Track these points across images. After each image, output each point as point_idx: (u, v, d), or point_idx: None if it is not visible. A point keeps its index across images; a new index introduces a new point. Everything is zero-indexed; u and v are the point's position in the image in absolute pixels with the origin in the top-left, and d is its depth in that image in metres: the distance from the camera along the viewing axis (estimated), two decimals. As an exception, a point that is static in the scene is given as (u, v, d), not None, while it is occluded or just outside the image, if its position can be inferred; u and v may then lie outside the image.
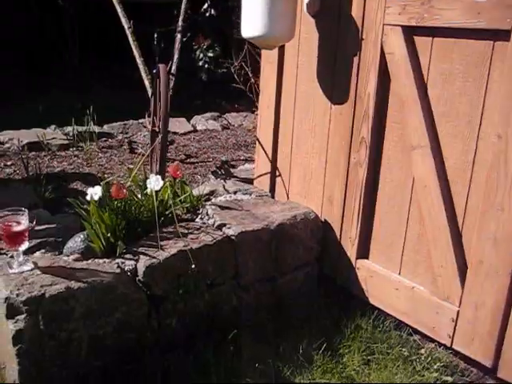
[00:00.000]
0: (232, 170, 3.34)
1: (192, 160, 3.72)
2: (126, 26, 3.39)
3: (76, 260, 2.12)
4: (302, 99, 2.78)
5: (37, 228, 2.40)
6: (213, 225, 2.49)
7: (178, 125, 4.34)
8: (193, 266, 2.17)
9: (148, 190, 2.46)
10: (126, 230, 2.27)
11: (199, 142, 4.20)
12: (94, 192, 2.23)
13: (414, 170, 2.31)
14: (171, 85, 3.05)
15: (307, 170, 2.80)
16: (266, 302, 2.55)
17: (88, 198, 2.24)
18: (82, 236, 2.21)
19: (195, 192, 2.77)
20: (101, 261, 2.13)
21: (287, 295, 2.62)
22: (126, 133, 4.33)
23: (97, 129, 4.07)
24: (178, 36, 3.30)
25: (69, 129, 4.12)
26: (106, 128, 4.34)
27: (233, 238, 2.36)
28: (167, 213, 2.45)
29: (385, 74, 2.37)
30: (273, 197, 2.99)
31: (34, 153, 3.69)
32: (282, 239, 2.53)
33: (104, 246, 2.18)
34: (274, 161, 2.99)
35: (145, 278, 2.09)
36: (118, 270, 2.06)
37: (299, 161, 2.84)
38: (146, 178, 2.55)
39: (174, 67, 3.18)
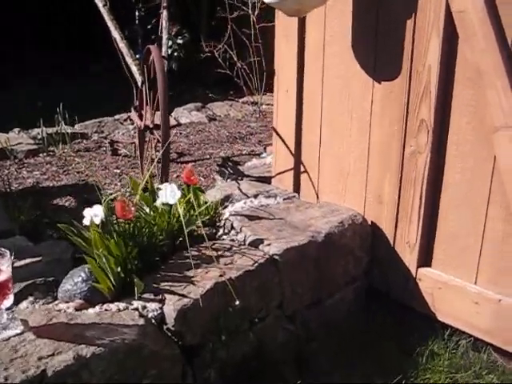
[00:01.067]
0: (239, 168, 2.78)
1: (186, 158, 3.14)
2: (100, 4, 2.76)
3: (79, 309, 1.53)
4: (333, 78, 2.23)
5: (17, 264, 1.78)
6: (244, 241, 1.93)
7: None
8: (236, 303, 1.60)
9: (158, 203, 1.88)
10: (139, 260, 1.69)
11: (187, 137, 3.61)
12: (94, 214, 1.64)
13: (498, 156, 1.80)
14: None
15: (343, 164, 2.26)
16: (315, 329, 2.01)
17: (86, 222, 1.64)
18: (82, 275, 1.61)
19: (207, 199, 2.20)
20: (113, 306, 1.54)
21: (336, 318, 2.09)
22: (102, 131, 3.69)
23: (68, 129, 3.42)
24: (165, 13, 2.69)
25: (36, 131, 3.45)
26: (77, 128, 3.69)
27: (276, 257, 1.81)
28: (186, 231, 1.87)
29: (451, 40, 1.84)
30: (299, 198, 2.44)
31: (-4, 162, 3.04)
32: (330, 252, 1.99)
33: (114, 284, 1.59)
34: (297, 154, 2.43)
35: (176, 325, 1.52)
36: (141, 321, 1.47)
37: (332, 152, 2.29)
38: (153, 189, 1.96)
39: (164, 49, 2.58)
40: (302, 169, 2.43)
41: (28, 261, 1.81)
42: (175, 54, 5.85)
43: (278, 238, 1.90)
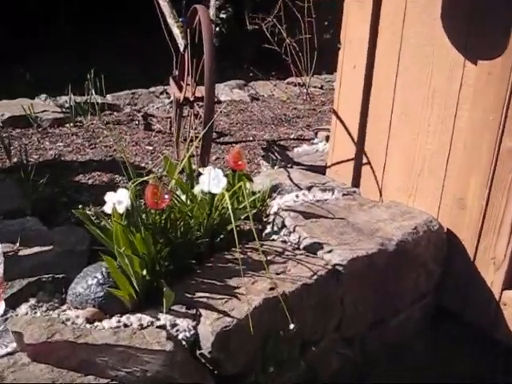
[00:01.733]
0: (288, 154, 2.40)
1: (227, 139, 2.78)
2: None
3: (92, 320, 1.18)
4: (411, 54, 1.83)
5: (21, 253, 1.45)
6: (298, 244, 1.56)
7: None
8: (291, 327, 1.24)
9: (196, 191, 1.52)
10: (170, 261, 1.34)
11: (228, 116, 3.25)
12: (118, 200, 1.28)
13: None
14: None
15: (416, 157, 1.86)
16: (374, 353, 1.64)
17: (108, 209, 1.29)
18: (98, 276, 1.26)
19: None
20: (134, 320, 1.19)
21: (400, 340, 1.72)
22: (135, 104, 3.35)
23: (99, 99, 3.09)
24: (214, -30, 2.31)
25: (64, 99, 3.12)
26: (109, 98, 3.35)
27: (339, 268, 1.43)
28: (228, 227, 1.50)
29: None
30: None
31: (18, 130, 2.72)
32: (401, 263, 1.61)
33: (137, 291, 1.24)
34: (360, 142, 2.04)
35: (213, 351, 1.16)
36: (170, 345, 1.11)
37: (403, 143, 1.90)
38: (192, 173, 1.60)
39: (212, 11, 2.21)
40: (365, 160, 2.04)
41: (36, 249, 1.47)
42: (217, 29, 5.45)
43: (341, 243, 1.52)
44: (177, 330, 1.17)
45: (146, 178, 1.29)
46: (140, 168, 2.28)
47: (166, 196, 1.32)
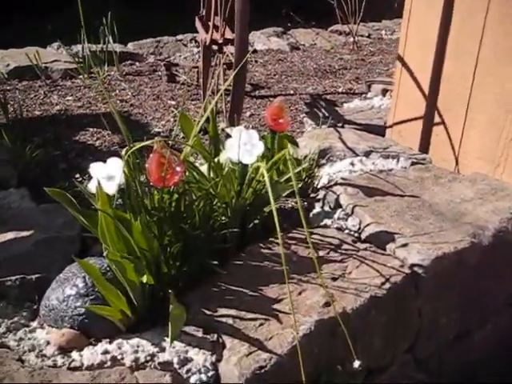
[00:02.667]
0: (337, 110, 1.96)
1: (263, 92, 2.35)
2: None
3: (67, 349, 0.80)
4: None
5: (-7, 240, 1.07)
6: (358, 232, 1.14)
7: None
8: (356, 365, 0.83)
9: (223, 159, 1.11)
10: (182, 261, 0.94)
11: (265, 67, 2.80)
12: (108, 174, 0.88)
13: None
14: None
15: (508, 117, 1.40)
16: (453, 376, 1.23)
17: (91, 188, 0.89)
18: (79, 283, 0.87)
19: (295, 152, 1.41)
20: (129, 351, 0.80)
21: (484, 358, 1.30)
22: (160, 53, 2.93)
23: (118, 48, 2.67)
24: None
25: (79, 47, 2.72)
26: (131, 47, 2.94)
27: (418, 270, 1.01)
28: (266, 209, 1.09)
29: None
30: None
31: (25, 83, 2.34)
32: (496, 259, 1.18)
33: (135, 304, 0.86)
34: (433, 96, 1.58)
35: (241, 403, 0.77)
36: (177, 400, 0.73)
37: (490, 98, 1.43)
38: (216, 134, 1.19)
39: None
40: (438, 119, 1.58)
41: (10, 235, 1.09)
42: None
43: (417, 232, 1.10)
44: (188, 371, 0.78)
45: (148, 143, 0.88)
46: (159, 125, 1.88)
47: (178, 168, 0.91)
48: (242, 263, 1.00)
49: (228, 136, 1.22)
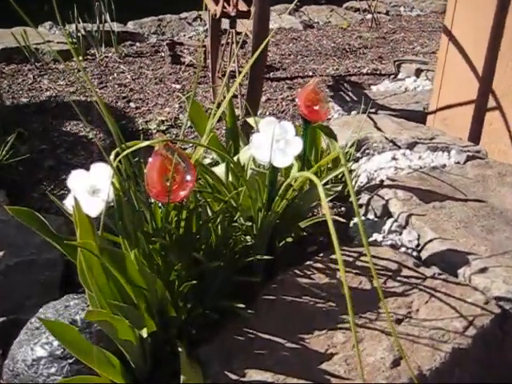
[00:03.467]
0: (366, 93, 1.70)
1: (278, 74, 2.08)
2: None
3: None
4: None
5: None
6: (417, 249, 0.89)
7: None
8: None
9: (242, 158, 0.85)
10: (197, 301, 0.68)
11: (278, 47, 2.53)
12: (92, 187, 0.63)
13: None
14: None
15: None
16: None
17: (68, 205, 0.63)
18: (54, 340, 0.62)
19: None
20: None
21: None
22: (163, 33, 2.65)
23: (117, 27, 2.40)
24: None
25: (74, 27, 2.45)
26: (130, 26, 2.67)
27: (505, 306, 0.76)
28: (302, 224, 0.84)
29: None
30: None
31: (13, 66, 2.08)
32: None
33: (134, 368, 0.61)
34: (487, 77, 1.31)
35: None
36: None
37: None
38: (235, 127, 0.93)
39: None
40: (493, 103, 1.32)
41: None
42: None
43: (494, 250, 0.84)
44: None
45: (147, 143, 0.62)
46: (163, 112, 1.62)
47: (189, 176, 0.65)
48: (274, 299, 0.75)
49: (246, 126, 0.97)
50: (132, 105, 1.71)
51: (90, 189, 0.63)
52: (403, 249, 0.89)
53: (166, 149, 0.65)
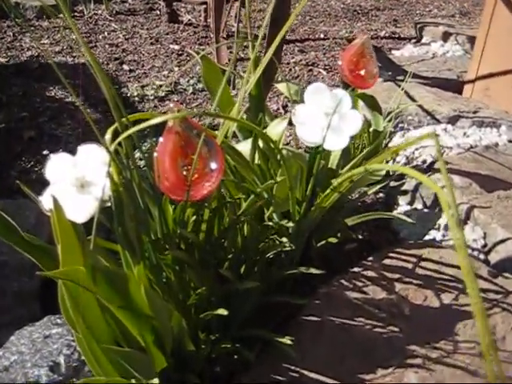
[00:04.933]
0: (391, 58, 1.50)
1: (287, 36, 1.87)
2: None
3: None
4: None
5: None
6: (484, 251, 0.71)
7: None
8: None
9: (273, 134, 0.66)
10: (220, 333, 0.51)
11: (283, 7, 2.32)
12: (76, 181, 0.43)
13: None
14: None
15: None
16: None
17: (45, 206, 0.43)
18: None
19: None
20: None
21: None
22: (158, -11, 2.42)
23: (107, -20, 2.17)
24: None
25: (58, -20, 2.21)
26: (122, -19, 2.43)
27: None
28: (350, 221, 0.65)
29: None
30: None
31: (-9, 22, 1.86)
32: None
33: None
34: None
35: None
36: None
37: None
38: (262, 98, 0.73)
39: None
40: (545, 70, 1.13)
41: None
42: None
43: None
44: None
45: (161, 119, 0.42)
46: (160, 77, 1.41)
47: (214, 164, 0.46)
48: (320, 321, 0.57)
49: (292, 104, 0.80)
50: (125, 67, 1.50)
51: (76, 182, 0.44)
52: (468, 250, 0.71)
53: (183, 125, 0.46)
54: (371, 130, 0.87)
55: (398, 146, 0.49)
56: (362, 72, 0.72)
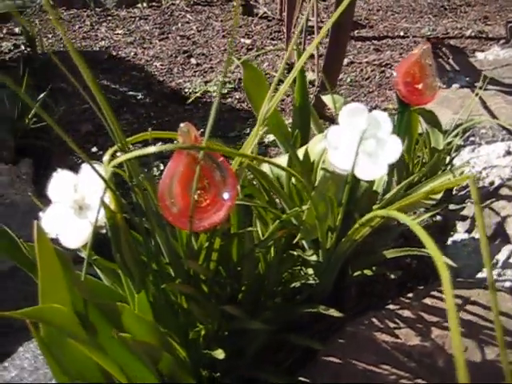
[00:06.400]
0: (470, 61, 1.39)
1: (364, 33, 1.78)
2: None
3: None
4: None
5: None
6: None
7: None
8: None
9: (314, 151, 0.61)
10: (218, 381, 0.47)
11: (364, 0, 2.21)
12: (75, 202, 0.41)
13: None
14: None
15: None
16: None
17: (47, 229, 0.41)
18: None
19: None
20: None
21: None
22: (237, -20, 2.40)
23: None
24: None
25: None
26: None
27: None
28: (388, 253, 0.60)
29: None
30: None
31: (72, 11, 1.90)
32: None
33: None
34: None
35: None
36: None
37: None
38: (304, 102, 0.68)
39: None
40: None
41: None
42: None
43: None
44: None
45: (156, 150, 0.38)
46: (215, 76, 1.39)
47: (226, 194, 0.43)
48: (340, 364, 0.52)
49: (318, 101, 0.74)
50: (193, 61, 1.49)
51: (75, 204, 0.41)
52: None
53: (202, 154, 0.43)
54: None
55: (436, 186, 0.42)
56: (420, 86, 0.66)
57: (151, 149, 0.37)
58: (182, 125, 0.44)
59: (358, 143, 0.48)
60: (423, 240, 0.29)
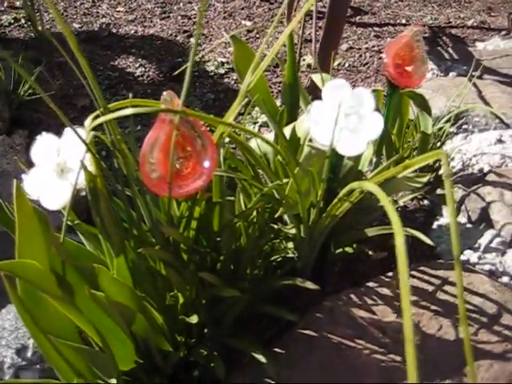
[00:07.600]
0: (470, 51, 1.39)
1: (366, 19, 1.78)
2: None
3: None
4: None
5: None
6: (525, 281, 0.63)
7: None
8: None
9: (300, 129, 0.61)
10: (194, 347, 0.48)
11: (369, -13, 2.21)
12: (57, 165, 0.41)
13: None
14: None
15: None
16: None
17: (28, 192, 0.42)
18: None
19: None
20: None
21: None
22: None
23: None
24: None
25: None
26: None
27: None
28: (370, 231, 0.60)
29: None
30: None
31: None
32: None
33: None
34: None
35: None
36: None
37: None
38: (297, 79, 0.69)
39: None
40: None
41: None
42: None
43: None
44: None
45: (132, 111, 0.39)
46: (225, 53, 1.39)
47: (207, 163, 0.43)
48: (315, 337, 0.53)
49: (312, 86, 0.75)
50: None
51: (57, 167, 0.42)
52: (506, 278, 0.64)
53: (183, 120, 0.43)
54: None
55: (411, 161, 0.43)
56: (409, 68, 0.66)
57: (128, 110, 0.38)
58: (164, 93, 0.44)
59: (339, 118, 0.48)
60: (383, 203, 0.30)
